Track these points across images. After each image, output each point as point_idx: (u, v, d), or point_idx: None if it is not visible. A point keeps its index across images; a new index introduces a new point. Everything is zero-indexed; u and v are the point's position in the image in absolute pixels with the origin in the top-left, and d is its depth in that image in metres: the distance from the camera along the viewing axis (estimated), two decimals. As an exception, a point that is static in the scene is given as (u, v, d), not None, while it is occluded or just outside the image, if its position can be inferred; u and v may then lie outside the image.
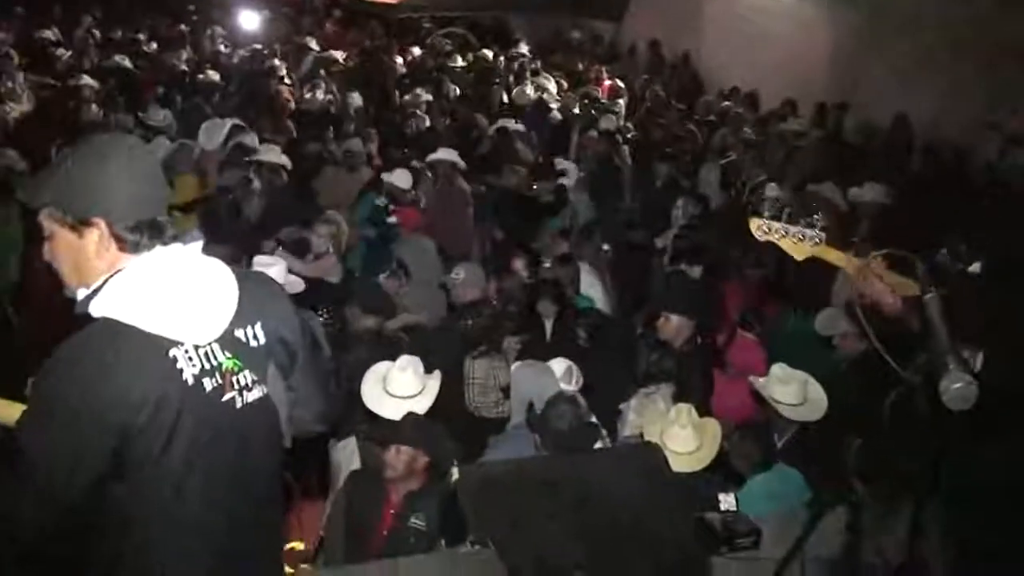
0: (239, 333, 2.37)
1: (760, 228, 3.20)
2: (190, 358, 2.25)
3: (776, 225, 3.17)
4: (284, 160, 8.75)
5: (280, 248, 6.94)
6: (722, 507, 4.25)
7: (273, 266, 5.95)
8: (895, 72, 12.57)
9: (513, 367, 5.70)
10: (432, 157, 9.37)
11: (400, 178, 8.71)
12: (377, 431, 4.68)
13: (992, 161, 10.23)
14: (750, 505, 4.28)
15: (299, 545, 4.25)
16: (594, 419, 4.93)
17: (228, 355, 2.34)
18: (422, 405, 4.82)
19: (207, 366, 2.28)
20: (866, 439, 2.98)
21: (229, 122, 9.40)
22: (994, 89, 11.07)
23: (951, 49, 11.76)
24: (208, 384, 2.28)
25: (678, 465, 4.23)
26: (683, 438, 4.44)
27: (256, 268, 5.89)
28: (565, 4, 19.32)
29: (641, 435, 4.87)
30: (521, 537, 3.04)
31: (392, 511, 4.43)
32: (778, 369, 5.14)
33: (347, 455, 4.85)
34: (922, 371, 2.64)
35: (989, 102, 11.04)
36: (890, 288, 3.04)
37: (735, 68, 15.38)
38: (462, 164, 9.36)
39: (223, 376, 2.32)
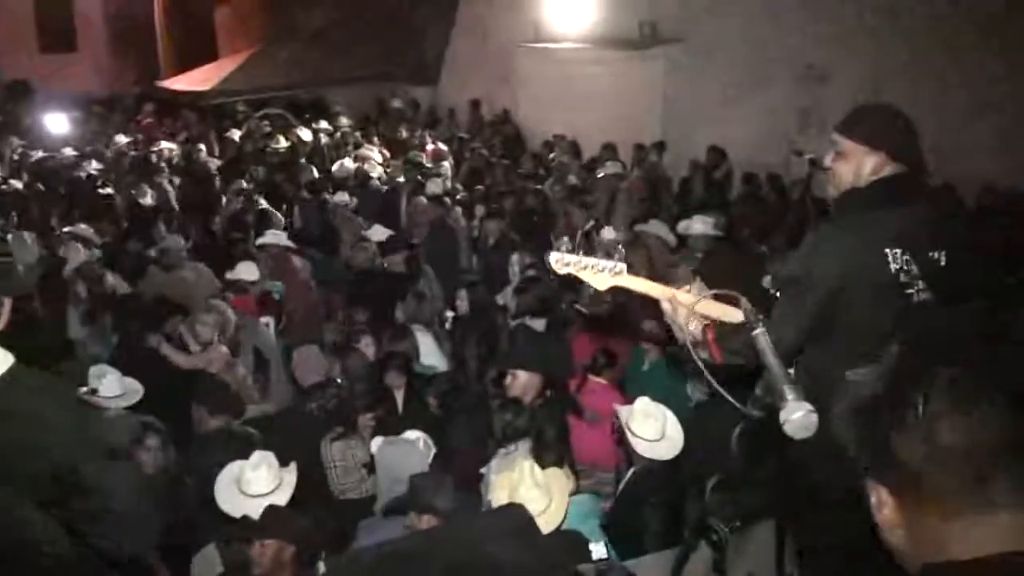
0: None
1: (558, 262, 3.01)
2: None
3: (573, 258, 3.00)
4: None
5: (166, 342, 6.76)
6: (594, 556, 4.24)
7: (104, 376, 5.75)
8: (707, 106, 13.14)
9: (374, 446, 5.61)
10: (261, 241, 9.22)
11: (246, 271, 8.44)
12: (237, 530, 4.53)
13: (802, 178, 10.75)
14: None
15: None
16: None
17: None
18: (281, 500, 4.69)
19: None
20: (720, 475, 2.97)
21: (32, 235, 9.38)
22: (798, 112, 11.74)
23: (758, 78, 12.41)
24: None
25: (535, 527, 4.19)
26: (531, 500, 4.26)
27: (90, 378, 5.71)
28: (379, 74, 19.39)
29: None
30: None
31: (263, 608, 4.27)
32: (642, 402, 5.09)
33: (205, 565, 4.65)
34: (761, 404, 2.68)
35: (796, 125, 11.68)
36: (703, 318, 2.93)
37: (554, 120, 15.79)
38: (292, 244, 9.26)
39: None
